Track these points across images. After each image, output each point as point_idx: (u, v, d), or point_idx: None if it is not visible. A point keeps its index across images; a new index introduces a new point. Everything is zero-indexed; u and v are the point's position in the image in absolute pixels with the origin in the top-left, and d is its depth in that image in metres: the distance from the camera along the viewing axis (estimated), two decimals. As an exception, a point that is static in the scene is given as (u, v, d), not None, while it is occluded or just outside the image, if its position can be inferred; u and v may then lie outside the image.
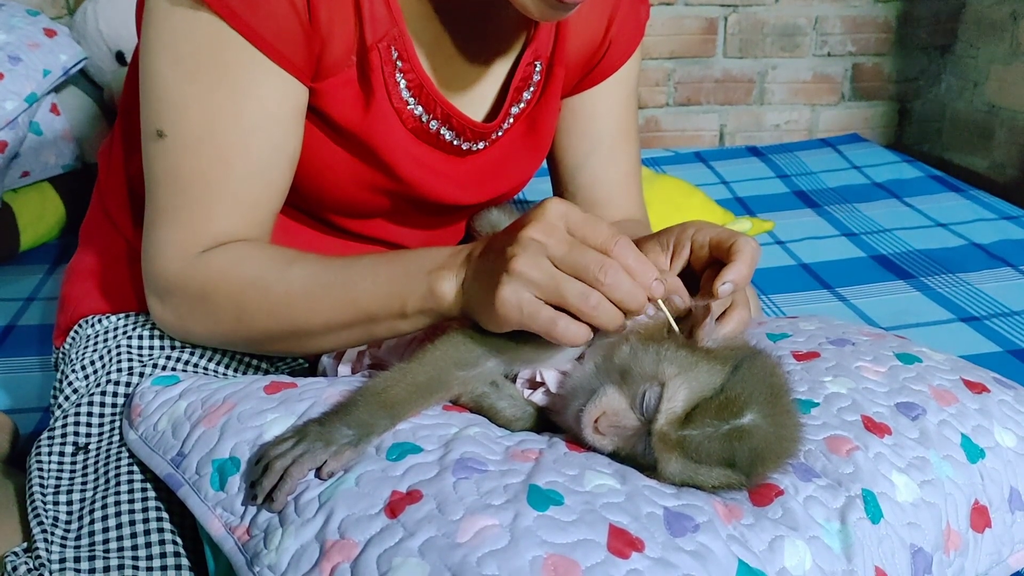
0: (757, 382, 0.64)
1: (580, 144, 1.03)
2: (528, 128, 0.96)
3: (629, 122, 1.06)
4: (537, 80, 0.94)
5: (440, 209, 0.95)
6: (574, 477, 0.62)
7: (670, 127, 2.48)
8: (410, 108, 0.85)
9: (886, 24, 2.45)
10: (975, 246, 1.69)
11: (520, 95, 0.93)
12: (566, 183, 1.07)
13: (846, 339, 0.84)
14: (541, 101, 0.95)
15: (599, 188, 1.05)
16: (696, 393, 0.63)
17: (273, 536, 0.61)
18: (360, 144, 0.84)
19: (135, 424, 0.75)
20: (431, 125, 0.87)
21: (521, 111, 0.94)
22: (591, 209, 1.05)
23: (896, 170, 2.14)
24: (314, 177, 0.86)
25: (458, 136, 0.89)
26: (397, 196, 0.91)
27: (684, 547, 0.58)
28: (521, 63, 0.91)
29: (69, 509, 0.72)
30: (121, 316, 0.90)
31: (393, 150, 0.85)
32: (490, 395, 0.72)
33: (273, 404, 0.71)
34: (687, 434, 0.62)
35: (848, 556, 0.62)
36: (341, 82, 0.81)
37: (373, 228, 0.96)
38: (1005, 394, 0.78)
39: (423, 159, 0.88)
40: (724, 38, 2.41)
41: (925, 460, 0.69)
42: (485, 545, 0.55)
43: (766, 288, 1.52)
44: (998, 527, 0.70)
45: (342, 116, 0.83)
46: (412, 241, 0.99)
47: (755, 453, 0.63)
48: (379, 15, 0.80)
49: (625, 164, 1.06)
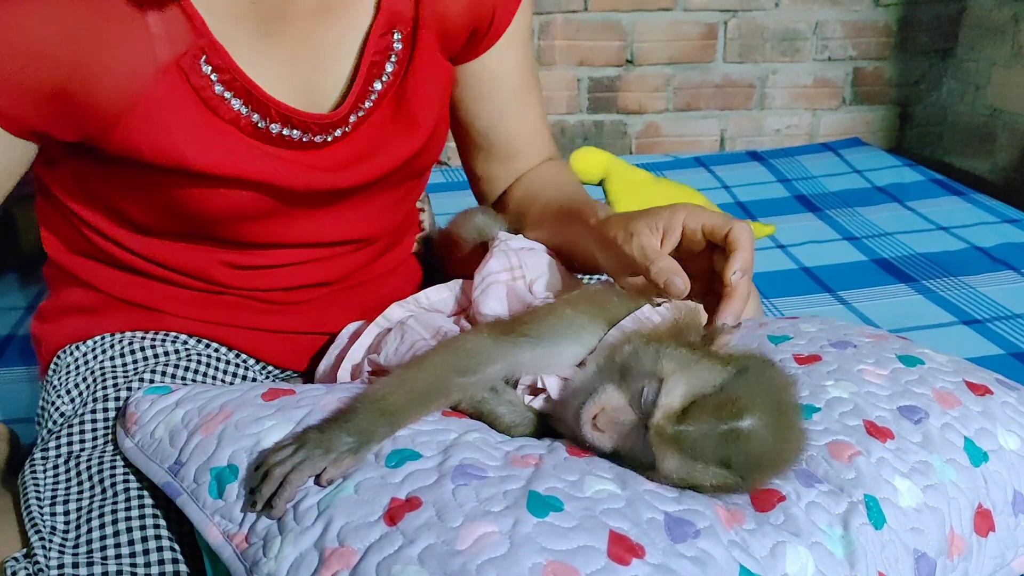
0: (762, 389, 0.63)
1: (489, 106, 1.01)
2: (398, 102, 0.89)
3: (531, 73, 1.03)
4: (399, 49, 0.87)
5: (330, 195, 0.90)
6: (574, 483, 0.62)
7: (670, 132, 2.48)
8: (245, 115, 0.80)
9: (887, 28, 2.45)
10: (977, 249, 1.69)
11: (380, 69, 0.87)
12: (479, 143, 1.04)
13: (848, 341, 0.83)
14: (410, 71, 0.89)
15: (513, 142, 1.04)
16: (695, 389, 0.62)
17: (272, 544, 0.60)
18: (200, 172, 0.80)
19: (130, 432, 0.75)
20: (271, 129, 0.82)
21: (387, 85, 0.88)
22: (509, 161, 1.05)
23: (897, 174, 2.13)
24: (191, 204, 0.83)
25: (305, 133, 0.84)
26: (271, 192, 0.85)
27: (685, 553, 0.57)
28: (372, 35, 0.85)
29: (67, 519, 0.72)
30: (97, 339, 0.90)
31: (238, 162, 0.81)
32: (490, 400, 0.71)
33: (270, 411, 0.71)
34: (683, 430, 0.61)
35: (851, 562, 0.61)
36: (144, 116, 0.76)
37: (279, 230, 0.90)
38: (1008, 396, 0.77)
39: (281, 157, 0.84)
40: (724, 43, 2.41)
41: (928, 464, 0.69)
42: (484, 552, 0.55)
43: (768, 292, 1.52)
44: (1002, 531, 0.70)
45: (165, 147, 0.78)
46: (332, 229, 0.93)
47: (752, 458, 0.62)
48: (175, 31, 0.75)
49: (534, 113, 1.05)
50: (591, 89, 2.42)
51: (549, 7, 2.32)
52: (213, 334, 0.92)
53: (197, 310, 0.91)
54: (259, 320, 0.94)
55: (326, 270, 0.94)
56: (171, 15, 0.75)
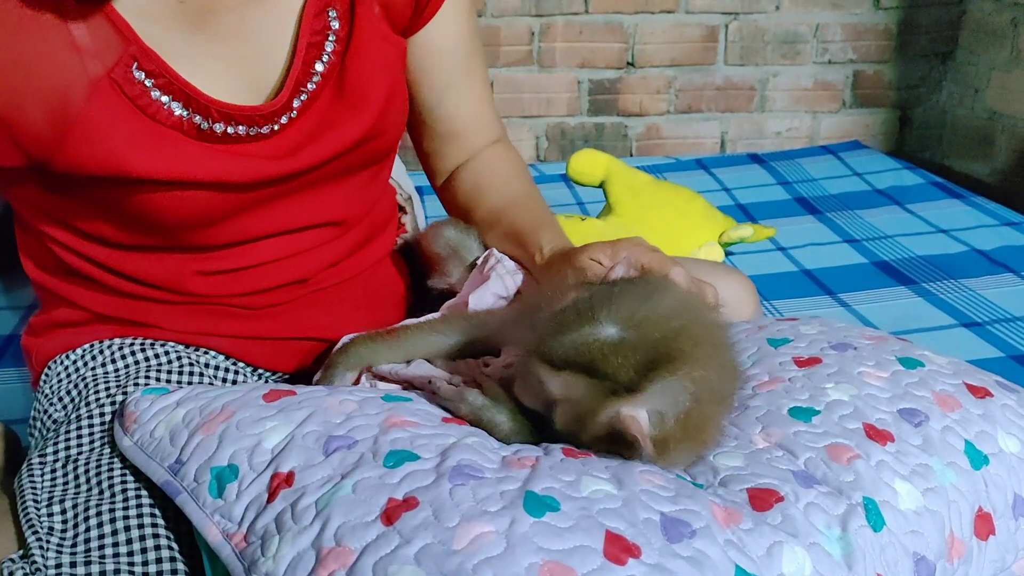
0: (630, 295, 0.65)
1: (435, 79, 0.99)
2: (341, 81, 0.87)
3: (475, 44, 1.02)
4: (337, 28, 0.86)
5: (288, 182, 0.88)
6: (571, 483, 0.62)
7: (671, 135, 2.48)
8: (187, 118, 0.79)
9: (887, 31, 2.45)
10: (977, 252, 1.69)
11: (320, 50, 0.85)
12: (424, 119, 1.02)
13: (848, 343, 0.83)
14: (351, 49, 0.87)
15: (460, 119, 1.03)
16: (567, 312, 0.65)
17: (270, 543, 0.60)
18: (149, 180, 0.79)
19: (129, 430, 0.75)
20: (215, 128, 0.81)
21: (329, 66, 0.86)
22: (455, 140, 1.03)
23: (897, 177, 2.14)
24: (150, 215, 0.82)
25: (251, 127, 0.83)
26: (226, 189, 0.84)
27: (681, 553, 0.57)
28: (305, 16, 0.84)
29: (64, 518, 0.72)
30: (86, 347, 0.90)
31: (184, 166, 0.80)
32: (490, 409, 0.72)
33: (272, 412, 0.71)
34: (547, 340, 0.63)
35: (849, 563, 0.61)
36: (84, 133, 0.75)
37: (244, 226, 0.89)
38: (1008, 398, 0.77)
39: (230, 152, 0.83)
40: (725, 46, 2.41)
41: (928, 467, 0.69)
42: (481, 552, 0.55)
43: (768, 294, 1.52)
44: (1002, 534, 0.69)
45: (110, 161, 0.77)
46: (297, 216, 0.92)
47: (621, 360, 0.62)
48: (102, 41, 0.74)
49: (479, 88, 1.04)
50: (592, 91, 2.42)
51: (550, 9, 2.33)
52: (201, 343, 0.92)
53: (181, 322, 0.91)
54: (243, 327, 0.92)
55: (299, 266, 0.93)
56: (96, 25, 0.74)
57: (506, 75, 2.38)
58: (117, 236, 0.85)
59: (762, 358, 0.83)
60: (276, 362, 0.95)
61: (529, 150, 2.46)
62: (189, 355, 0.90)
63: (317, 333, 0.95)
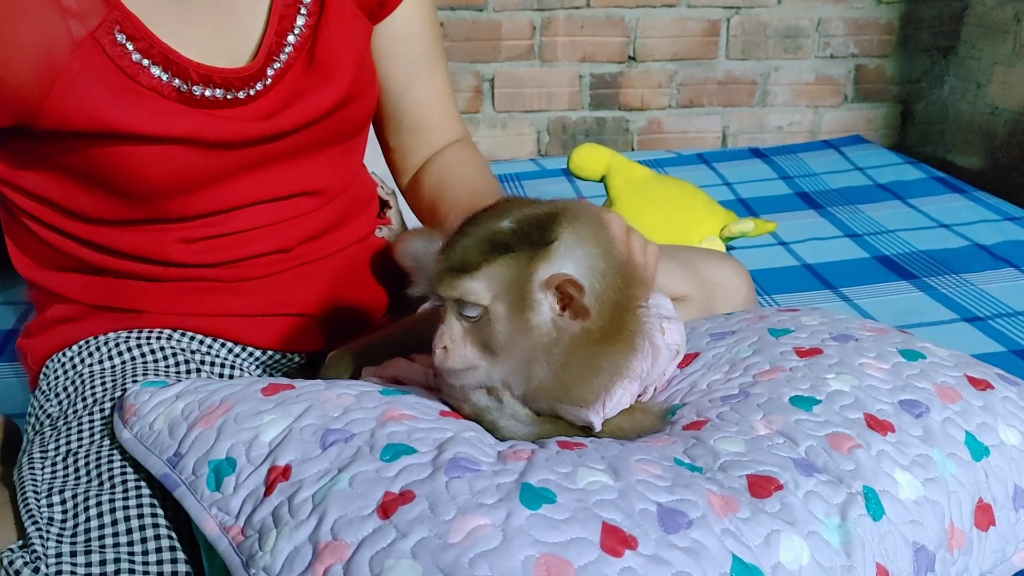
0: (519, 207, 0.68)
1: (399, 69, 1.02)
2: (311, 53, 0.91)
3: (438, 36, 1.05)
4: (309, 3, 0.90)
5: (265, 148, 0.90)
6: (567, 474, 0.61)
7: (673, 129, 2.47)
8: (167, 81, 0.83)
9: (889, 26, 2.44)
10: (978, 247, 1.69)
11: (291, 23, 0.90)
12: (390, 110, 1.05)
13: (849, 335, 0.83)
14: (322, 23, 0.91)
15: (424, 111, 1.05)
16: None
17: (267, 537, 0.60)
18: (128, 134, 0.82)
19: (129, 423, 0.75)
20: (194, 91, 0.84)
21: (301, 38, 0.90)
22: (419, 133, 1.06)
23: (899, 171, 2.13)
24: (130, 175, 0.84)
25: (228, 90, 0.86)
26: (204, 147, 0.86)
27: (677, 544, 0.57)
28: None
29: (64, 508, 0.72)
30: (82, 343, 0.91)
31: (162, 121, 0.82)
32: (492, 411, 0.71)
33: (270, 406, 0.71)
34: (458, 251, 0.66)
35: (848, 552, 0.61)
36: (66, 87, 0.79)
37: (223, 194, 0.91)
38: (1009, 391, 0.77)
39: (209, 114, 0.86)
40: (727, 40, 2.40)
41: (928, 458, 0.69)
42: (477, 545, 0.54)
43: (769, 288, 1.52)
44: (1002, 525, 0.70)
45: (91, 113, 0.80)
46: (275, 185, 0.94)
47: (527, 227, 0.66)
48: (87, 5, 0.78)
49: (442, 81, 1.06)
50: (593, 85, 2.41)
51: (552, 3, 2.32)
52: (192, 326, 0.93)
53: (169, 303, 0.92)
54: (227, 303, 0.93)
55: (280, 235, 0.94)
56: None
57: (507, 69, 2.38)
58: (97, 210, 0.87)
59: (763, 347, 0.83)
60: (262, 338, 0.95)
61: (530, 144, 2.46)
62: (183, 344, 0.91)
63: (301, 309, 0.96)
